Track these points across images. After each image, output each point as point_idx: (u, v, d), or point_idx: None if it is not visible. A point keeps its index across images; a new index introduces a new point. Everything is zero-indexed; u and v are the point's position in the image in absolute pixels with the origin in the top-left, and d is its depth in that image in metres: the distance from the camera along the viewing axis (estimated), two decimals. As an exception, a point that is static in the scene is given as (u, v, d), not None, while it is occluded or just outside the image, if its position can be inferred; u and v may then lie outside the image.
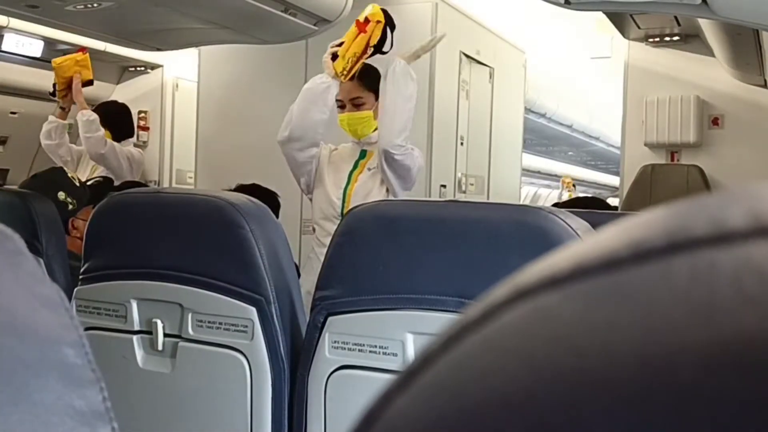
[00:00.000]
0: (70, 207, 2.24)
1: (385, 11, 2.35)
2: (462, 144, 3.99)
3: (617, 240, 0.15)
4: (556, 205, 2.65)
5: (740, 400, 0.12)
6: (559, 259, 0.16)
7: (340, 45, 2.33)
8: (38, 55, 4.38)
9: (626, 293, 0.14)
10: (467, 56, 3.98)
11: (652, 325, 0.14)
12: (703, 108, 4.05)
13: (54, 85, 3.44)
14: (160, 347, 1.43)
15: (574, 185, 8.91)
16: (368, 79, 2.42)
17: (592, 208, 2.21)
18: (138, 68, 4.96)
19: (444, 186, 3.79)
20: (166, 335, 1.43)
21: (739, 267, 0.13)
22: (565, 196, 7.60)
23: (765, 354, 0.12)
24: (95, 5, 2.74)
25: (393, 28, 2.36)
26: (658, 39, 4.08)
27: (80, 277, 1.54)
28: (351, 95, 2.42)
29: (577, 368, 0.14)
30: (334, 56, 2.32)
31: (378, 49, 2.34)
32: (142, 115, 4.89)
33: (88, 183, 2.49)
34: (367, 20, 2.31)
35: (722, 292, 0.13)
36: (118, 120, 3.74)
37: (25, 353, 0.27)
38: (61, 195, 2.22)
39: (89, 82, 3.43)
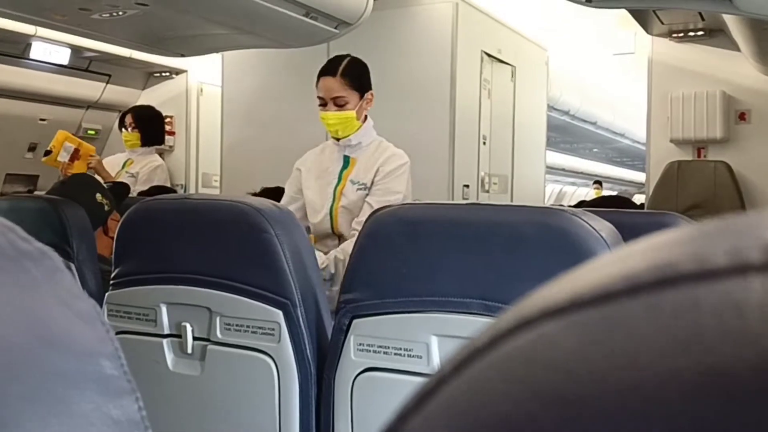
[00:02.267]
0: (106, 208, 2.29)
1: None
2: (485, 143, 3.98)
3: (611, 272, 0.16)
4: (580, 204, 2.64)
5: (724, 424, 0.13)
6: (558, 290, 0.17)
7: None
8: (65, 62, 4.45)
9: (618, 325, 0.16)
10: (489, 55, 3.97)
11: (640, 354, 0.15)
12: (729, 103, 3.99)
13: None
14: (189, 350, 1.46)
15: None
16: (351, 77, 2.23)
17: (616, 207, 2.20)
18: (163, 74, 5.03)
19: (467, 185, 3.78)
20: (195, 338, 1.46)
21: (719, 302, 0.15)
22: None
23: (743, 382, 0.14)
24: (120, 13, 2.78)
25: None
26: (682, 34, 4.03)
27: (111, 282, 1.57)
28: (332, 94, 2.23)
29: (575, 394, 0.15)
30: None
31: None
32: (168, 119, 4.96)
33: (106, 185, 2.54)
34: None
35: (705, 326, 0.14)
36: (149, 125, 3.80)
37: (65, 366, 0.29)
38: (98, 197, 2.27)
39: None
